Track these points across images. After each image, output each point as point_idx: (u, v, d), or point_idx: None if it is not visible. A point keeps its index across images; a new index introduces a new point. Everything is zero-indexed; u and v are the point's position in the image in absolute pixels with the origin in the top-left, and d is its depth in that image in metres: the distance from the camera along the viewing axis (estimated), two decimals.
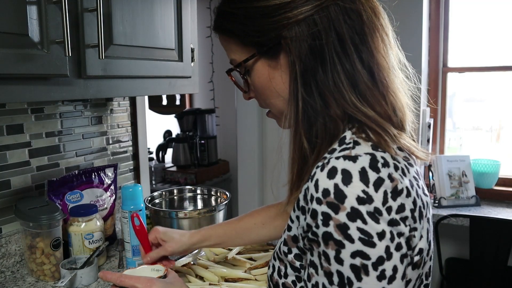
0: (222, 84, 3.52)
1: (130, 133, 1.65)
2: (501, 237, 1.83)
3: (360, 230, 0.51)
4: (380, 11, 0.62)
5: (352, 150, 0.55)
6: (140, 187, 1.16)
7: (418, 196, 0.55)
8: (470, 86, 2.58)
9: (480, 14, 2.41)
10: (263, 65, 0.64)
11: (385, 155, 0.55)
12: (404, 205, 0.53)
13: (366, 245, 0.51)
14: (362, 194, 0.51)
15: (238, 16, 0.62)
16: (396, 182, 0.53)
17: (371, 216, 0.51)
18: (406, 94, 0.63)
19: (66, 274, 1.10)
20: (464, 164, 2.30)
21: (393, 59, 0.62)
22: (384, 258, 0.51)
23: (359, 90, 0.58)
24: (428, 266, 0.60)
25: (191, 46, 1.27)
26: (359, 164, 0.52)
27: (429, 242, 0.59)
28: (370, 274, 0.51)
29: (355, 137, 0.57)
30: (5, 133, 1.22)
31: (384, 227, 0.51)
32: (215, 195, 1.54)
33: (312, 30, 0.58)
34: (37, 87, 0.86)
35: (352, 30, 0.58)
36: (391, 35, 0.63)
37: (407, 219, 0.53)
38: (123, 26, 1.02)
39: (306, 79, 0.59)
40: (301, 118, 0.60)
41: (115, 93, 1.05)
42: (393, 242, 0.51)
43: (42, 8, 0.83)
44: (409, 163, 0.58)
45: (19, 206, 1.17)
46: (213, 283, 1.06)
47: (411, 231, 0.53)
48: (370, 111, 0.57)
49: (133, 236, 1.14)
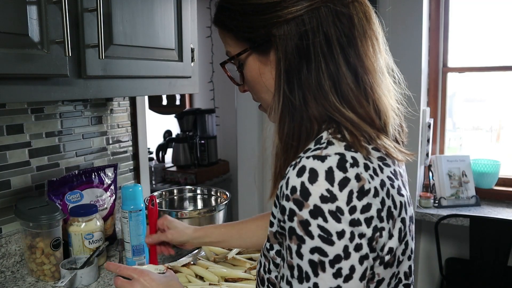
0: (222, 84, 3.52)
1: (130, 133, 1.65)
2: (501, 237, 1.83)
3: (320, 228, 0.52)
4: (372, 16, 0.63)
5: (324, 150, 0.56)
6: (140, 187, 1.16)
7: (389, 196, 0.56)
8: (470, 86, 2.58)
9: (480, 14, 2.41)
10: (254, 60, 0.66)
11: (357, 155, 0.56)
12: (371, 205, 0.54)
13: (325, 243, 0.52)
14: (326, 192, 0.52)
15: (233, 11, 0.65)
16: (363, 182, 0.54)
17: (333, 215, 0.52)
18: (391, 98, 0.64)
19: (66, 274, 1.10)
20: (464, 164, 2.31)
21: (381, 64, 0.64)
22: (342, 256, 0.52)
23: (341, 91, 0.60)
24: (406, 265, 0.61)
25: (191, 46, 1.27)
26: (327, 164, 0.54)
27: (405, 241, 0.59)
28: (327, 271, 0.53)
29: (331, 137, 0.59)
30: (5, 133, 1.22)
31: (344, 226, 0.52)
32: (215, 195, 1.54)
33: (300, 30, 0.60)
34: (37, 87, 0.86)
35: (340, 33, 0.60)
36: (382, 40, 0.65)
37: (373, 219, 0.54)
38: (123, 26, 1.02)
39: (289, 76, 0.61)
40: (281, 114, 0.63)
41: (115, 93, 1.05)
42: (352, 242, 0.53)
43: (42, 8, 0.83)
44: (385, 163, 0.59)
45: (19, 206, 1.17)
46: (213, 283, 1.06)
47: (376, 232, 0.54)
48: (349, 112, 0.59)
49: (133, 236, 1.14)
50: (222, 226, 1.08)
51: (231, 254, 1.18)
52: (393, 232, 0.57)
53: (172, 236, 1.04)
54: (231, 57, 0.69)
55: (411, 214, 0.62)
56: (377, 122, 0.61)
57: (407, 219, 0.60)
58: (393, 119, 0.63)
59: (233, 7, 0.65)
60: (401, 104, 0.67)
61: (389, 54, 0.67)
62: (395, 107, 0.65)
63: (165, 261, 1.28)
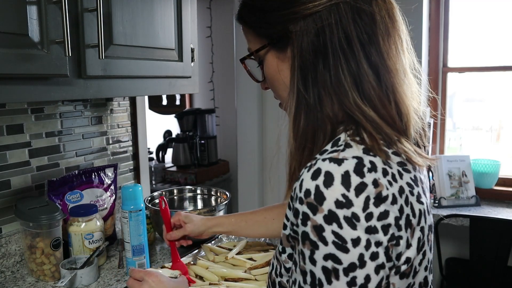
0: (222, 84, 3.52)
1: (130, 133, 1.65)
2: (501, 237, 1.83)
3: (334, 234, 0.50)
4: (395, 14, 0.62)
5: (341, 153, 0.54)
6: (140, 187, 1.16)
7: (408, 204, 0.54)
8: (470, 86, 2.58)
9: (480, 14, 2.41)
10: (273, 57, 0.66)
11: (375, 159, 0.54)
12: (388, 212, 0.52)
13: (339, 250, 0.50)
14: (342, 198, 0.50)
15: (253, 7, 0.66)
16: (381, 188, 0.52)
17: (348, 221, 0.50)
18: (414, 100, 0.62)
19: (66, 274, 1.10)
20: (464, 164, 2.30)
21: (404, 64, 0.62)
22: (357, 265, 0.51)
23: (363, 89, 0.58)
24: (422, 276, 0.59)
25: (191, 46, 1.27)
26: (344, 168, 0.52)
27: (423, 252, 0.57)
28: (340, 279, 0.51)
29: (349, 139, 0.57)
30: (5, 133, 1.22)
31: (360, 233, 0.50)
32: (215, 195, 1.55)
33: (316, 26, 0.59)
34: (37, 87, 0.86)
35: (361, 30, 0.58)
36: (405, 39, 0.63)
37: (390, 227, 0.52)
38: (123, 26, 1.02)
39: (304, 73, 0.60)
40: (295, 112, 0.61)
41: (115, 93, 1.05)
42: (368, 250, 0.51)
43: (42, 8, 0.83)
44: (405, 168, 0.56)
45: (19, 206, 1.17)
46: (214, 282, 1.06)
47: (392, 240, 0.52)
48: (371, 112, 0.57)
49: (133, 236, 1.14)
50: (232, 216, 1.13)
51: (231, 254, 1.18)
52: (411, 242, 0.54)
53: (191, 229, 1.11)
54: (251, 53, 0.69)
55: (431, 223, 0.59)
56: (398, 124, 0.58)
57: (426, 228, 0.57)
58: (415, 122, 0.61)
59: (252, 3, 0.66)
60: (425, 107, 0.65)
61: (413, 54, 0.65)
62: (417, 109, 0.62)
63: (165, 261, 1.28)
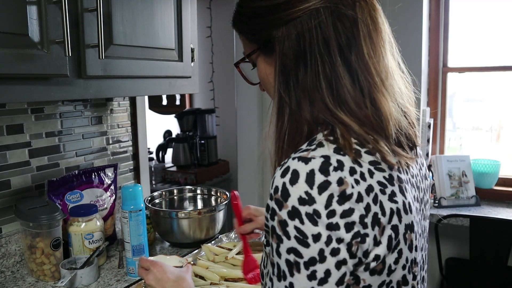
0: (222, 84, 3.52)
1: (130, 133, 1.65)
2: (501, 237, 1.83)
3: (296, 229, 0.53)
4: (378, 17, 0.62)
5: (311, 152, 0.56)
6: (140, 187, 1.16)
7: (376, 203, 0.55)
8: (470, 86, 2.58)
9: (480, 14, 2.41)
10: (262, 61, 0.68)
11: (344, 158, 0.55)
12: (353, 210, 0.53)
13: (301, 244, 0.53)
14: (304, 195, 0.53)
15: (242, 14, 0.68)
16: (346, 186, 0.53)
17: (309, 218, 0.52)
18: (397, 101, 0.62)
19: (66, 274, 1.10)
20: (464, 164, 2.30)
21: (387, 66, 0.62)
22: (317, 260, 0.53)
23: (338, 93, 0.59)
24: (399, 275, 0.58)
25: (191, 46, 1.27)
26: (309, 166, 0.54)
27: (398, 250, 0.57)
28: (301, 272, 0.53)
29: (323, 139, 0.58)
30: (5, 133, 1.22)
31: (321, 230, 0.52)
32: (215, 195, 1.55)
33: (297, 31, 0.60)
34: (37, 87, 0.86)
35: (340, 34, 0.59)
36: (388, 41, 0.63)
37: (355, 224, 0.53)
38: (123, 26, 1.02)
39: (285, 77, 0.62)
40: (277, 115, 0.63)
41: (115, 93, 1.05)
42: (328, 246, 0.52)
43: (42, 8, 0.83)
44: (378, 167, 0.57)
45: (19, 206, 1.17)
46: (214, 282, 1.06)
47: (357, 237, 0.53)
48: (342, 114, 0.58)
49: (133, 236, 1.14)
50: None
51: (231, 254, 1.18)
52: (381, 240, 0.55)
53: (263, 222, 1.09)
54: (243, 58, 0.72)
55: (409, 222, 0.58)
56: (376, 125, 0.59)
57: (401, 227, 0.57)
58: (396, 122, 0.60)
59: (242, 11, 0.68)
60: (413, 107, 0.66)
61: (399, 55, 0.66)
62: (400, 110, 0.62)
63: None
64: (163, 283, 0.85)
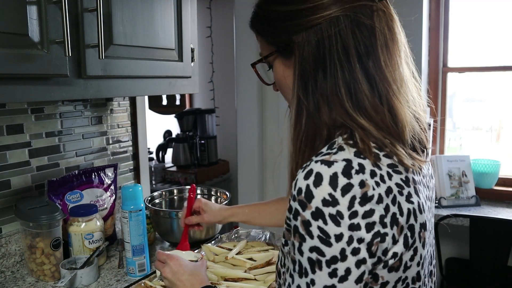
0: (222, 84, 3.52)
1: (130, 133, 1.65)
2: (501, 237, 1.83)
3: (320, 229, 0.55)
4: (395, 26, 0.65)
5: (333, 155, 0.58)
6: (140, 187, 1.16)
7: (395, 203, 0.57)
8: (470, 86, 2.58)
9: (480, 14, 2.41)
10: (280, 64, 0.70)
11: (364, 161, 0.58)
12: (374, 211, 0.56)
13: (323, 243, 0.55)
14: (328, 197, 0.55)
15: (261, 17, 0.70)
16: (367, 188, 0.56)
17: (332, 219, 0.55)
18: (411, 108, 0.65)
19: (66, 274, 1.10)
20: (464, 164, 2.30)
21: (402, 73, 0.65)
22: (338, 258, 0.55)
23: (357, 98, 0.61)
24: (414, 271, 0.61)
25: (191, 46, 1.27)
26: (333, 169, 0.56)
27: (413, 248, 0.60)
28: (323, 270, 0.56)
29: (343, 143, 0.61)
30: (5, 133, 1.22)
31: (343, 230, 0.55)
32: (215, 195, 1.55)
33: (317, 38, 0.62)
34: (37, 87, 0.86)
35: (359, 42, 0.62)
36: (404, 50, 0.66)
37: (375, 224, 0.56)
38: (123, 26, 1.02)
39: (304, 82, 0.64)
40: (295, 118, 0.66)
41: (115, 93, 1.05)
42: (349, 245, 0.55)
43: (42, 8, 0.83)
44: (396, 170, 0.60)
45: (19, 206, 1.17)
46: (214, 282, 1.06)
47: (376, 237, 0.56)
48: (361, 119, 0.61)
49: (133, 236, 1.14)
50: (246, 207, 1.19)
51: (231, 254, 1.18)
52: (398, 238, 0.58)
53: (208, 219, 1.18)
54: (261, 59, 0.74)
55: (423, 221, 0.61)
56: (392, 129, 0.62)
57: (417, 226, 0.60)
58: (411, 127, 0.64)
59: (262, 13, 0.70)
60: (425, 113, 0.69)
61: (413, 64, 0.68)
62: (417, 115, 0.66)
63: None
64: (179, 276, 0.88)
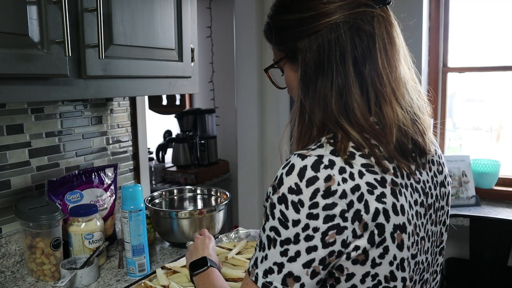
0: (222, 84, 3.52)
1: (130, 133, 1.65)
2: (501, 237, 1.83)
3: (281, 213, 0.61)
4: (393, 31, 0.68)
5: (310, 151, 0.63)
6: (140, 187, 1.16)
7: (361, 201, 0.60)
8: (470, 86, 2.58)
9: (480, 14, 2.41)
10: (288, 68, 0.75)
11: (336, 158, 0.62)
12: (336, 204, 0.59)
13: (281, 225, 0.61)
14: (294, 186, 0.61)
15: (272, 27, 0.74)
16: (332, 183, 0.60)
17: (294, 205, 0.60)
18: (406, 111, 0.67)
19: (66, 274, 1.10)
20: (464, 164, 2.30)
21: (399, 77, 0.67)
22: (291, 241, 0.61)
23: (346, 102, 0.65)
24: (386, 270, 0.63)
25: (191, 46, 1.27)
26: (304, 162, 0.61)
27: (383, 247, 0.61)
28: (276, 248, 0.62)
29: (325, 142, 0.65)
30: (5, 133, 1.22)
31: (301, 217, 0.60)
32: (215, 195, 1.54)
33: (317, 43, 0.67)
34: (37, 87, 0.86)
35: (357, 48, 0.65)
36: (402, 53, 0.69)
37: (335, 217, 0.60)
38: (123, 26, 1.02)
39: (305, 85, 0.69)
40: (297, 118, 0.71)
41: (115, 93, 1.05)
42: (304, 232, 0.60)
43: (42, 8, 0.83)
44: (370, 170, 0.62)
45: (19, 206, 1.17)
46: None
47: (333, 228, 0.60)
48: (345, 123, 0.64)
49: (133, 236, 1.14)
50: None
51: (231, 254, 1.18)
52: (362, 234, 0.61)
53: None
54: (272, 64, 0.79)
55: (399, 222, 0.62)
56: (378, 132, 0.64)
57: (389, 226, 0.61)
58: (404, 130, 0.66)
59: (272, 23, 0.74)
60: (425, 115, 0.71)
61: (412, 66, 0.72)
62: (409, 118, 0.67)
63: (165, 261, 1.28)
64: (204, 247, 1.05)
